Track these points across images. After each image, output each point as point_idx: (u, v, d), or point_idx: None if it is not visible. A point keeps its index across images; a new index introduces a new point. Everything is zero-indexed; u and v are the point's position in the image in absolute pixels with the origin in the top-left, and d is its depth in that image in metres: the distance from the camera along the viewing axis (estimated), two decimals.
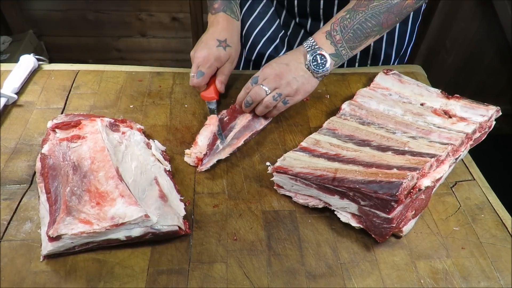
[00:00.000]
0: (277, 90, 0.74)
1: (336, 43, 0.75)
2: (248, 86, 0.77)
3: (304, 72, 0.75)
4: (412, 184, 0.58)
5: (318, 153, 0.69)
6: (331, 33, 0.75)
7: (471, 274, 0.58)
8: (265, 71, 0.76)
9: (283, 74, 0.74)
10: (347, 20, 0.74)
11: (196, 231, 0.62)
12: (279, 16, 1.03)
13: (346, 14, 0.75)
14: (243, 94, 0.77)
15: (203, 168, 0.70)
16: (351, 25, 0.74)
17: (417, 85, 0.85)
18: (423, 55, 2.02)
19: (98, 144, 0.65)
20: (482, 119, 0.74)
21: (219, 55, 0.81)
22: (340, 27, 0.74)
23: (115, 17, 2.08)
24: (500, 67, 1.96)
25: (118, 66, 0.92)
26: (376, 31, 0.75)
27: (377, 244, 0.61)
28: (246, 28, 1.04)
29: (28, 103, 0.82)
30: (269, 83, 0.74)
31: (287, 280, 0.56)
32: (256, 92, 0.74)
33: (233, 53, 0.84)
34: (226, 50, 0.82)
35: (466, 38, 1.90)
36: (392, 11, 0.73)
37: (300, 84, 0.75)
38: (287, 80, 0.74)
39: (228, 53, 0.82)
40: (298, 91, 0.76)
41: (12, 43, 1.93)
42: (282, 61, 0.76)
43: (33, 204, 0.63)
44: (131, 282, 0.55)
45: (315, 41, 0.76)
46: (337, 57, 0.76)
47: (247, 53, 1.06)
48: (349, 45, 0.75)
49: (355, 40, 0.75)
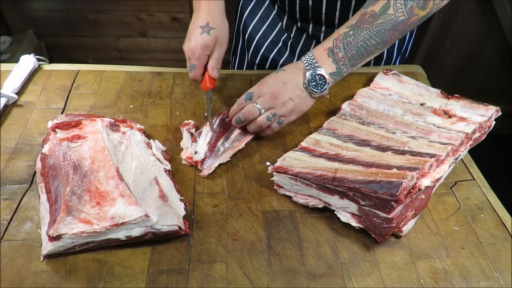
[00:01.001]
0: (272, 110, 0.71)
1: (338, 60, 0.72)
2: (241, 102, 0.74)
3: (301, 91, 0.72)
4: (412, 184, 0.58)
5: (318, 153, 0.69)
6: (334, 50, 0.71)
7: (471, 274, 0.58)
8: (261, 88, 0.73)
9: (280, 94, 0.71)
10: (351, 37, 0.70)
11: (196, 231, 0.62)
12: (281, 19, 1.03)
13: (350, 30, 0.71)
14: (235, 109, 0.75)
15: (205, 173, 0.70)
16: (354, 42, 0.70)
17: (417, 85, 0.85)
18: (423, 55, 2.02)
19: (99, 144, 0.65)
20: (482, 119, 0.74)
21: (204, 42, 0.75)
22: (343, 44, 0.71)
23: (115, 17, 2.08)
24: (500, 67, 1.96)
25: (118, 66, 0.92)
26: (380, 48, 0.72)
27: (377, 244, 0.61)
28: (248, 32, 1.04)
29: (28, 103, 0.82)
30: (264, 102, 0.71)
31: (287, 280, 0.56)
32: (250, 110, 0.72)
33: (219, 34, 0.77)
34: (211, 34, 0.76)
35: (466, 38, 1.90)
36: (397, 29, 0.70)
37: (296, 104, 0.72)
38: (283, 100, 0.71)
39: (213, 37, 0.76)
40: (293, 112, 0.73)
41: (12, 43, 1.93)
42: (280, 79, 0.73)
43: (33, 204, 0.63)
44: (131, 282, 0.55)
45: (315, 58, 0.72)
46: (337, 75, 0.73)
47: (251, 56, 1.06)
48: (351, 63, 0.72)
49: (357, 57, 0.72)
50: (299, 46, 1.02)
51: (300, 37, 1.01)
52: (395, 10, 0.68)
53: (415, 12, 0.69)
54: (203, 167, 0.71)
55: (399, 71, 0.89)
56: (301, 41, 1.01)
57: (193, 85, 0.89)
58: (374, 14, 0.69)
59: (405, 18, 0.69)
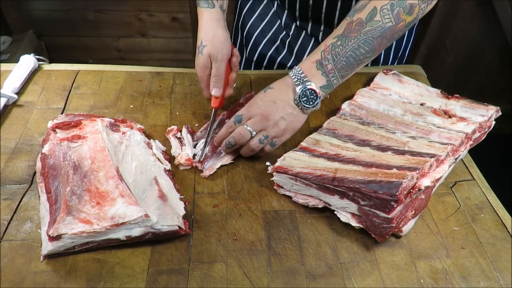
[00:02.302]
0: (264, 132, 0.68)
1: (328, 73, 0.68)
2: (230, 125, 0.70)
3: (292, 109, 0.69)
4: (412, 184, 0.58)
5: (318, 153, 0.69)
6: (322, 62, 0.68)
7: (471, 274, 0.58)
8: (250, 109, 0.69)
9: (270, 114, 0.68)
10: (339, 48, 0.67)
11: (196, 231, 0.62)
12: (280, 17, 1.02)
13: (337, 40, 0.68)
14: (224, 133, 0.71)
15: (207, 174, 0.70)
16: (343, 52, 0.67)
17: (417, 85, 0.85)
18: (423, 55, 2.02)
19: (99, 144, 0.65)
20: (482, 119, 0.74)
21: (200, 63, 0.75)
22: (331, 55, 0.68)
23: (115, 17, 2.08)
24: (500, 67, 1.96)
25: (118, 66, 0.92)
26: (369, 57, 0.69)
27: (377, 244, 0.61)
28: (247, 29, 1.04)
29: (28, 103, 0.82)
30: (255, 124, 0.68)
31: (287, 280, 0.56)
32: (240, 134, 0.68)
33: (212, 50, 0.74)
34: (203, 53, 0.74)
35: (466, 38, 1.91)
36: (385, 36, 0.67)
37: (288, 122, 0.69)
38: (274, 121, 0.68)
39: (206, 55, 0.74)
40: (286, 131, 0.70)
41: (12, 43, 1.93)
42: (269, 98, 0.69)
43: (33, 204, 0.63)
44: (131, 282, 0.55)
45: (304, 72, 0.69)
46: (328, 87, 0.70)
47: (249, 54, 1.06)
48: (341, 74, 0.69)
49: (347, 68, 0.69)
50: (297, 45, 1.01)
51: (299, 35, 1.00)
52: (382, 16, 0.66)
53: (402, 17, 0.67)
54: (204, 168, 0.71)
55: (399, 71, 0.89)
56: (300, 39, 1.00)
57: (193, 85, 0.89)
58: (361, 21, 0.67)
59: (392, 24, 0.66)
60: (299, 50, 1.01)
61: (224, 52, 0.74)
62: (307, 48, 1.01)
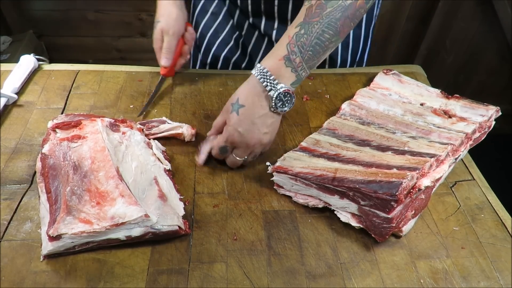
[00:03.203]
0: (252, 154, 0.70)
1: (297, 67, 0.64)
2: (216, 155, 0.70)
3: (271, 117, 0.67)
4: (412, 184, 0.58)
5: (318, 153, 0.69)
6: (290, 57, 0.64)
7: (471, 274, 0.58)
8: (233, 140, 0.67)
9: (253, 138, 0.66)
10: (304, 37, 0.63)
11: (196, 231, 0.62)
12: (232, 16, 1.00)
13: (301, 29, 0.64)
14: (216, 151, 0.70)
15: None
16: (309, 42, 0.63)
17: (417, 85, 0.85)
18: (423, 55, 2.02)
19: (99, 144, 0.65)
20: (482, 119, 0.74)
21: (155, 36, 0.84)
22: (297, 47, 0.63)
23: (115, 17, 2.07)
24: (500, 67, 1.96)
25: (118, 66, 0.92)
26: (334, 41, 0.65)
27: (377, 244, 0.61)
28: (200, 31, 1.02)
29: (28, 103, 0.82)
30: (242, 153, 0.68)
31: (287, 280, 0.56)
32: (234, 162, 0.70)
33: (164, 25, 0.83)
34: (157, 28, 0.83)
35: (466, 38, 1.91)
36: (347, 16, 0.63)
37: (271, 133, 0.68)
38: (259, 141, 0.67)
39: (159, 29, 0.83)
40: (270, 141, 0.70)
41: (12, 43, 1.93)
42: (246, 121, 0.65)
43: (33, 204, 0.63)
44: (131, 282, 0.55)
45: (271, 72, 0.64)
46: (297, 83, 0.66)
47: (202, 55, 1.04)
48: (308, 65, 0.65)
49: (314, 58, 0.65)
50: (250, 44, 1.00)
51: (252, 35, 0.98)
52: None
53: None
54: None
55: (399, 71, 0.89)
56: (253, 39, 0.99)
57: (193, 85, 0.89)
58: (321, 4, 0.63)
59: (352, 0, 0.63)
60: (253, 51, 1.00)
61: (175, 28, 0.83)
62: (261, 48, 0.99)
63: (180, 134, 0.75)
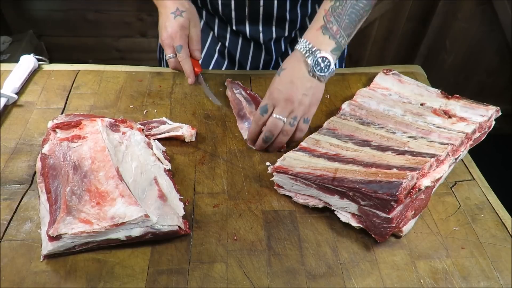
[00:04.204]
0: (292, 114, 0.70)
1: (335, 34, 0.70)
2: (258, 118, 0.72)
3: (310, 82, 0.70)
4: (412, 184, 0.58)
5: (318, 153, 0.69)
6: (327, 26, 0.70)
7: (471, 274, 0.58)
8: (272, 97, 0.70)
9: (293, 96, 0.69)
10: (339, 8, 0.70)
11: (196, 231, 0.62)
12: (211, 28, 0.98)
13: (335, 2, 0.70)
14: (255, 128, 0.73)
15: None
16: (344, 11, 0.70)
17: (417, 85, 0.85)
18: (423, 55, 2.02)
19: (99, 144, 0.65)
20: (481, 119, 0.74)
21: (181, 23, 0.77)
22: (333, 17, 0.70)
23: (115, 17, 2.08)
24: (500, 67, 1.96)
25: (118, 66, 0.92)
26: (367, 10, 0.72)
27: (377, 244, 0.61)
28: None
29: (28, 103, 0.82)
30: (282, 110, 0.69)
31: (287, 280, 0.56)
32: (274, 124, 0.70)
33: (191, 15, 0.78)
34: (184, 16, 0.77)
35: (466, 38, 1.91)
36: None
37: (311, 97, 0.70)
38: (298, 101, 0.69)
39: (186, 18, 0.78)
40: (311, 105, 0.71)
41: (12, 43, 1.93)
42: (285, 79, 0.70)
43: (33, 204, 0.63)
44: (131, 282, 0.55)
45: (310, 42, 0.70)
46: (338, 49, 0.71)
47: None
48: (346, 33, 0.71)
49: (351, 25, 0.71)
50: (237, 52, 0.98)
51: (236, 42, 0.97)
52: None
53: None
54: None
55: (399, 71, 0.89)
56: (238, 46, 0.97)
57: (193, 85, 0.89)
58: None
59: None
60: (241, 57, 0.99)
61: (199, 20, 0.81)
62: (249, 52, 0.98)
63: (181, 136, 0.75)
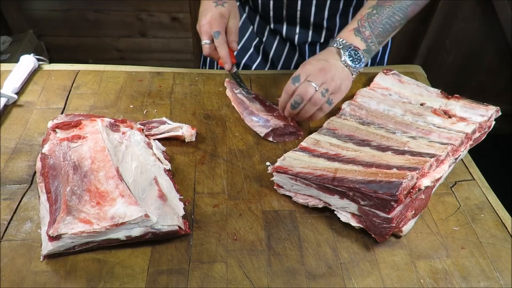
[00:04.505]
0: (324, 85, 0.70)
1: (366, 38, 0.74)
2: (289, 88, 0.72)
3: (342, 68, 0.73)
4: (412, 184, 0.58)
5: (318, 153, 0.69)
6: (360, 29, 0.74)
7: (471, 274, 0.58)
8: (306, 68, 0.72)
9: (327, 69, 0.71)
10: (375, 16, 0.74)
11: (196, 231, 0.62)
12: (252, 23, 1.00)
13: (373, 10, 0.75)
14: (285, 97, 0.73)
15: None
16: (379, 20, 0.74)
17: (417, 85, 0.85)
18: (423, 55, 2.02)
19: (99, 144, 0.65)
20: (481, 119, 0.74)
21: (221, 12, 0.78)
22: (368, 23, 0.74)
23: (115, 17, 2.07)
24: (500, 67, 1.96)
25: (118, 66, 0.92)
26: (402, 23, 0.77)
27: (377, 244, 0.61)
28: None
29: (28, 103, 0.82)
30: (316, 78, 0.70)
31: (287, 280, 0.56)
32: (305, 89, 0.69)
33: (231, 7, 0.80)
34: (225, 6, 0.79)
35: (466, 38, 1.91)
36: (417, 3, 0.76)
37: (342, 79, 0.72)
38: (331, 75, 0.70)
39: (227, 9, 0.79)
40: (341, 88, 0.72)
41: (12, 43, 1.93)
42: (320, 58, 0.74)
43: (33, 204, 0.63)
44: (131, 282, 0.55)
45: (344, 39, 0.74)
46: (368, 52, 0.75)
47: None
48: (378, 40, 0.75)
49: (383, 34, 0.75)
50: (272, 50, 1.00)
51: (273, 40, 0.99)
52: None
53: None
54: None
55: (399, 71, 0.89)
56: (274, 44, 0.99)
57: (193, 85, 0.89)
58: None
59: None
60: (275, 55, 1.00)
61: (238, 13, 0.82)
62: (283, 52, 0.99)
63: (181, 136, 0.75)
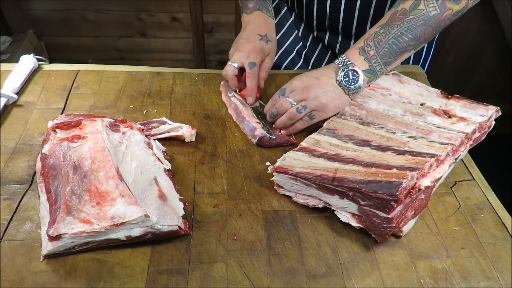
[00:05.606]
0: (303, 102, 0.72)
1: (370, 58, 0.73)
2: (275, 98, 0.76)
3: (334, 87, 0.73)
4: (412, 184, 0.58)
5: (318, 153, 0.69)
6: (365, 48, 0.73)
7: (471, 274, 0.58)
8: (294, 83, 0.74)
9: (312, 87, 0.72)
10: (382, 35, 0.72)
11: (196, 231, 0.62)
12: (297, 28, 1.02)
13: (380, 29, 0.72)
14: (269, 106, 0.77)
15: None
16: (385, 40, 0.72)
17: (417, 85, 0.85)
18: None
19: (99, 144, 0.65)
20: (481, 119, 0.74)
21: (263, 47, 0.81)
22: (374, 42, 0.72)
23: (115, 17, 2.08)
24: (500, 67, 1.96)
25: (118, 66, 0.92)
26: (413, 45, 0.73)
27: (377, 244, 0.61)
28: None
29: (28, 103, 0.82)
30: (296, 95, 0.73)
31: (287, 280, 0.56)
32: (281, 104, 0.74)
33: (273, 48, 0.83)
34: (268, 44, 0.82)
35: (466, 38, 1.90)
36: (429, 24, 0.70)
37: (329, 98, 0.73)
38: (315, 94, 0.72)
39: (269, 47, 0.82)
40: (326, 106, 0.73)
41: (12, 43, 1.93)
42: (312, 75, 0.75)
43: (33, 204, 0.63)
44: (131, 282, 0.55)
45: (348, 57, 0.74)
46: (371, 73, 0.74)
47: None
48: (383, 61, 0.74)
49: (390, 55, 0.73)
50: (314, 56, 1.01)
51: (316, 46, 1.00)
52: (426, 5, 0.69)
53: (448, 6, 0.69)
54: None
55: (399, 71, 0.89)
56: (317, 51, 1.00)
57: (193, 85, 0.89)
58: (405, 11, 0.70)
59: (437, 12, 0.69)
60: (316, 62, 1.01)
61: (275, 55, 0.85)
62: (324, 59, 1.01)
63: (181, 136, 0.75)
